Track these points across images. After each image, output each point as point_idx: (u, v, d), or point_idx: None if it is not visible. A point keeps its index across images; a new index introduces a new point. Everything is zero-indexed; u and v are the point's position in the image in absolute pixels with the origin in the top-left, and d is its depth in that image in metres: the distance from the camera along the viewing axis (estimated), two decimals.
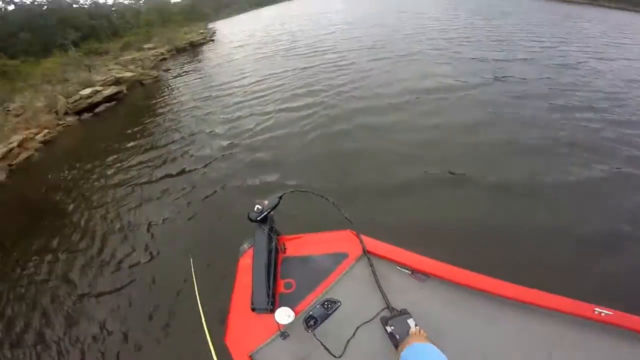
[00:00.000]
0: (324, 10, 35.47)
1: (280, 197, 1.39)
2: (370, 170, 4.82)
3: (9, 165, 10.15)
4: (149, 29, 23.88)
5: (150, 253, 4.29)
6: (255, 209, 1.34)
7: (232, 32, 33.24)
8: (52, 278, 4.49)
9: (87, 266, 4.45)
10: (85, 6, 28.09)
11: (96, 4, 28.92)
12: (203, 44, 25.26)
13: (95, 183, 6.88)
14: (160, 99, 12.23)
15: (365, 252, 1.27)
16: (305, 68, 11.38)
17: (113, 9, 28.05)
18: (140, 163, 7.01)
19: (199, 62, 18.52)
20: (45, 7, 24.85)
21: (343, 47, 13.70)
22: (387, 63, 10.31)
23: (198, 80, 13.74)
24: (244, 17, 66.25)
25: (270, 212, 1.36)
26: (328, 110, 7.33)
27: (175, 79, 15.17)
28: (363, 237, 1.32)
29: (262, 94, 9.50)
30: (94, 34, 22.15)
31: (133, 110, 11.91)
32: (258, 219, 1.33)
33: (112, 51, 17.25)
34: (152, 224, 4.86)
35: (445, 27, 15.83)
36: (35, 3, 25.39)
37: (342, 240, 1.36)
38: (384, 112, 6.77)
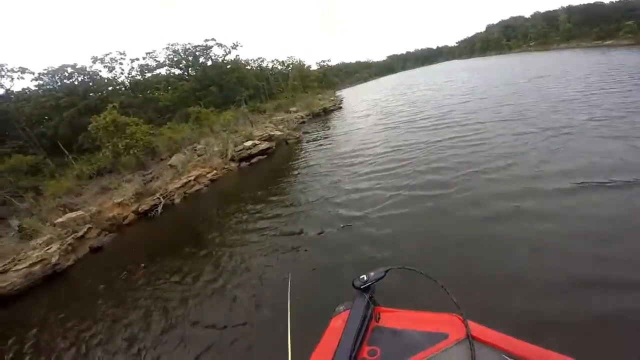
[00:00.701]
0: (448, 78, 34.24)
1: (387, 271, 1.41)
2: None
3: (184, 193, 13.12)
4: (294, 93, 28.78)
5: (254, 296, 5.02)
6: (361, 277, 1.39)
7: (357, 100, 36.66)
8: (173, 296, 5.70)
9: (202, 295, 5.48)
10: (254, 68, 35.97)
11: (261, 67, 36.69)
12: (333, 110, 28.75)
13: (235, 224, 8.38)
14: (299, 160, 13.99)
15: (469, 336, 1.17)
16: (431, 143, 10.40)
17: (271, 72, 35.21)
18: (272, 216, 8.08)
19: (330, 129, 20.56)
20: (229, 66, 32.84)
21: (474, 120, 12.27)
22: (533, 140, 8.39)
23: (329, 146, 14.96)
24: (365, 86, 73.08)
25: (374, 283, 1.40)
26: (460, 194, 6.24)
27: (311, 142, 17.12)
28: (470, 322, 1.23)
29: (386, 171, 8.97)
30: (257, 94, 27.99)
31: (278, 166, 14.00)
32: (361, 287, 1.38)
33: (268, 111, 21.41)
34: (265, 271, 5.63)
35: (601, 90, 12.67)
36: (224, 61, 33.86)
37: (444, 322, 1.27)
38: (539, 211, 5.05)
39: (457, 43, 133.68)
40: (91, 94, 26.09)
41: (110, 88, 25.81)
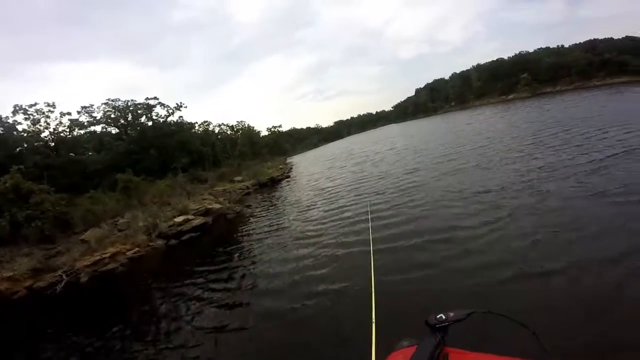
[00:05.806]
0: (390, 146, 33.47)
1: (469, 314, 1.28)
2: None
3: (94, 271, 11.51)
4: (241, 161, 28.53)
5: None
6: (438, 316, 1.27)
7: (305, 167, 37.47)
8: None
9: None
10: (199, 131, 35.53)
11: (207, 131, 36.47)
12: (281, 179, 28.71)
13: (156, 308, 7.52)
14: (236, 239, 12.84)
15: None
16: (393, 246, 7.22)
17: (219, 137, 35.04)
18: (200, 301, 7.22)
19: (275, 203, 18.84)
20: (173, 127, 31.75)
21: (432, 197, 10.02)
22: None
23: (271, 225, 13.27)
24: (315, 153, 76.22)
25: (452, 323, 1.26)
26: None
27: (253, 218, 15.73)
28: None
29: (325, 270, 7.18)
30: (200, 161, 27.10)
31: (212, 245, 12.71)
32: (436, 325, 1.25)
33: (210, 180, 20.51)
34: None
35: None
36: (167, 122, 32.72)
37: None
38: None
39: (392, 108, 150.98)
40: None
41: (26, 145, 22.69)
